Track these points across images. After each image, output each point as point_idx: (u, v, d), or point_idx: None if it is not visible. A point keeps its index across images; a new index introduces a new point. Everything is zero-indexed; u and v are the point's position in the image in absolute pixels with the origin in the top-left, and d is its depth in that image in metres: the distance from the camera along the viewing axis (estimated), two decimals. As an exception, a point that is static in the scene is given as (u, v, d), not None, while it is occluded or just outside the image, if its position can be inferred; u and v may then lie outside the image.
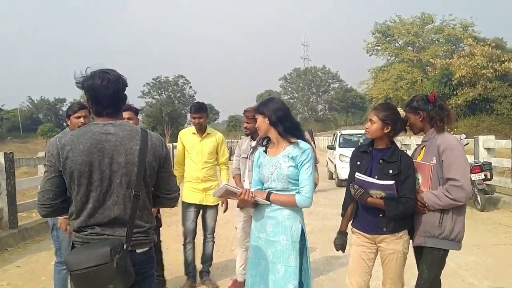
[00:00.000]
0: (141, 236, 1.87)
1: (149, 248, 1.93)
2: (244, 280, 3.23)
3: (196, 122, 4.00)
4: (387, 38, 38.92)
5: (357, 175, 2.54)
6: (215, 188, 3.89)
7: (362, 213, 2.65)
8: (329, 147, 13.64)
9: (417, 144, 3.00)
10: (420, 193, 2.53)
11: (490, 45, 24.35)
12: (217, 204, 4.13)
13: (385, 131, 2.56)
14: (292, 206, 2.44)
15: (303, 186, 2.41)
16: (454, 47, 36.49)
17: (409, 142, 11.83)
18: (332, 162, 12.75)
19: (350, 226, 2.77)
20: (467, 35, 31.98)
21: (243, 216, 3.89)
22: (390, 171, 2.50)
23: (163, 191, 1.99)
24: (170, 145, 12.26)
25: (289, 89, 71.31)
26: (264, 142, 2.62)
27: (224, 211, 4.12)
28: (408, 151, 5.01)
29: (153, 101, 60.99)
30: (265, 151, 2.58)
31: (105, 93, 1.84)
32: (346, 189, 2.75)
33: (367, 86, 42.00)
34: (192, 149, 4.06)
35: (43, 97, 61.92)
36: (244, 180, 3.89)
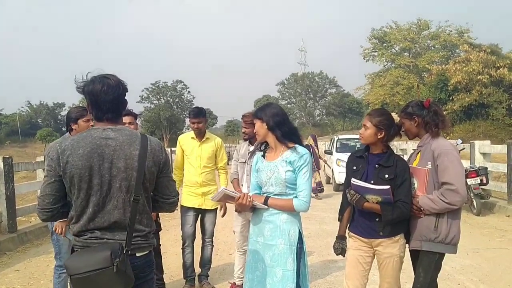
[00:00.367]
0: (141, 240, 1.88)
1: (148, 252, 1.94)
2: (242, 283, 3.25)
3: (195, 127, 4.03)
4: (384, 44, 39.18)
5: (353, 180, 2.56)
6: (214, 192, 3.92)
7: (359, 218, 2.67)
8: (326, 151, 13.69)
9: (413, 149, 3.04)
10: (416, 197, 2.56)
11: (485, 51, 24.49)
12: (216, 208, 4.15)
13: (379, 136, 2.59)
14: (290, 211, 2.46)
15: (301, 190, 2.44)
16: (450, 53, 36.80)
17: (406, 147, 11.90)
18: (330, 167, 12.80)
19: (347, 230, 2.79)
20: (463, 41, 32.19)
21: (241, 220, 3.90)
22: (386, 176, 2.53)
23: (162, 195, 2.01)
24: (168, 149, 12.28)
25: (287, 94, 71.31)
26: (262, 147, 2.65)
27: (223, 216, 4.14)
28: (404, 156, 5.05)
29: (152, 106, 61.00)
30: (263, 156, 2.60)
31: (105, 98, 1.86)
32: (343, 194, 2.77)
33: (364, 92, 42.23)
34: (191, 154, 4.09)
35: (42, 102, 61.55)
36: (242, 185, 3.91)
